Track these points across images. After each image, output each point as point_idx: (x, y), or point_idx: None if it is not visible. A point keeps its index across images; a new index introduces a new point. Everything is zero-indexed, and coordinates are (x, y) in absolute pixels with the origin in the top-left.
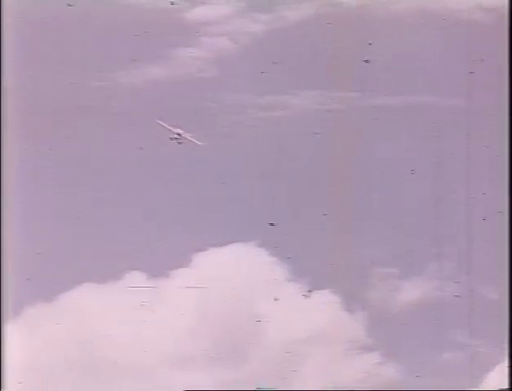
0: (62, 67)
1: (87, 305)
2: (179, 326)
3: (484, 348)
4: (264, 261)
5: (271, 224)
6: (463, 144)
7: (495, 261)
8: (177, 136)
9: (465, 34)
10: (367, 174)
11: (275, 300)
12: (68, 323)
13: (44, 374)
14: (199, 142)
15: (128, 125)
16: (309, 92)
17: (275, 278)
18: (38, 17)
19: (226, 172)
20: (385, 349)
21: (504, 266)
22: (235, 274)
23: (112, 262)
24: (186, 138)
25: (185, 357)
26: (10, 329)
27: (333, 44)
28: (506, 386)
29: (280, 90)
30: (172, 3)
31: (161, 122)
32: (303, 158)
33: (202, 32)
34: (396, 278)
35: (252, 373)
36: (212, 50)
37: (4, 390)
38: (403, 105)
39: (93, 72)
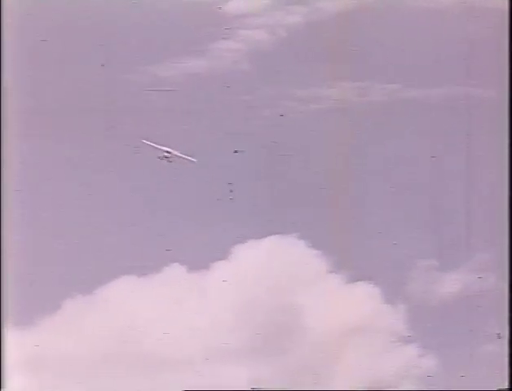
0: (101, 60)
1: (126, 298)
2: (219, 319)
3: None
4: (304, 253)
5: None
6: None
7: None
8: (166, 154)
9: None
10: (410, 167)
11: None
12: (106, 317)
13: (83, 367)
14: (192, 159)
15: (165, 119)
16: (348, 84)
17: (315, 270)
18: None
19: (263, 163)
20: (424, 341)
21: None
22: (274, 266)
23: (151, 255)
24: (176, 156)
25: (224, 350)
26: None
27: (372, 34)
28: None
29: (318, 83)
30: None
31: (147, 142)
32: (344, 150)
33: (239, 25)
34: (436, 270)
35: (292, 366)
36: (248, 43)
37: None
38: (444, 97)
39: (131, 66)
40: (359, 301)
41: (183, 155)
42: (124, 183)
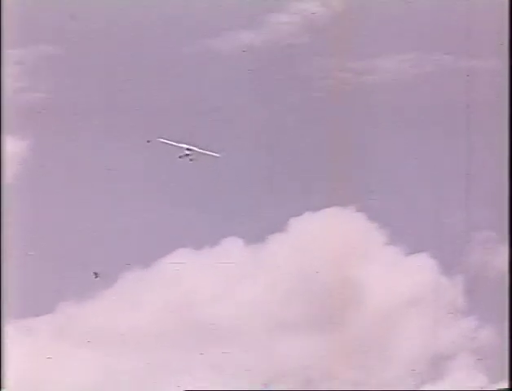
0: (158, 34)
1: (183, 271)
2: (277, 290)
3: None
4: (362, 225)
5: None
6: None
7: None
8: (187, 152)
9: None
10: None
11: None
12: (163, 289)
13: (143, 338)
14: (216, 154)
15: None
16: (402, 55)
17: (372, 241)
18: None
19: (320, 136)
20: (481, 314)
21: None
22: (331, 238)
23: (208, 228)
24: (198, 153)
25: (283, 321)
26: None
27: (425, 6)
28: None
29: (372, 54)
30: None
31: (164, 140)
32: (399, 121)
33: None
34: (494, 241)
35: (350, 337)
36: (304, 16)
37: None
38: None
39: (187, 39)
40: (416, 273)
41: (206, 152)
42: (181, 162)
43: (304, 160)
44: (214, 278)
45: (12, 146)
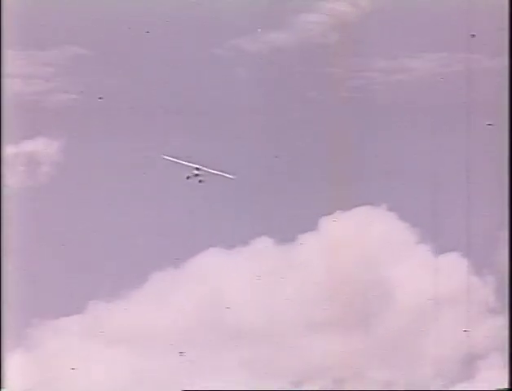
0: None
1: (215, 270)
2: (307, 290)
3: None
4: (394, 224)
5: None
6: None
7: None
8: (196, 171)
9: None
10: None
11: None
12: (195, 288)
13: (170, 336)
14: (230, 176)
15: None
16: (432, 55)
17: (404, 241)
18: None
19: (349, 134)
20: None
21: None
22: (363, 237)
23: (239, 228)
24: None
25: (314, 320)
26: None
27: (453, 6)
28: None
29: (401, 54)
30: None
31: (168, 157)
32: (427, 121)
33: None
34: None
35: (380, 336)
36: (333, 15)
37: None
38: None
39: (215, 39)
40: (447, 272)
41: (217, 172)
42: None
43: (334, 158)
44: (244, 278)
45: (44, 146)
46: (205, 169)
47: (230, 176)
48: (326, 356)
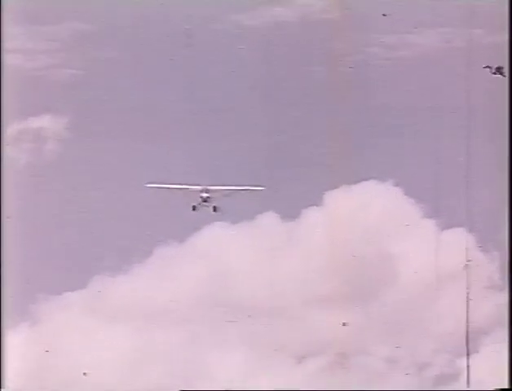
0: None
1: (219, 245)
2: (311, 265)
3: None
4: (399, 199)
5: None
6: None
7: None
8: (203, 195)
9: None
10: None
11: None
12: (199, 263)
13: (179, 310)
14: (260, 188)
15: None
16: (432, 30)
17: (409, 216)
18: None
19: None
20: None
21: None
22: (368, 211)
23: (244, 203)
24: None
25: (318, 295)
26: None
27: None
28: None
29: (403, 30)
30: None
31: (152, 185)
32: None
33: None
34: None
35: (385, 312)
36: None
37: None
38: None
39: (216, 14)
40: (452, 247)
41: (245, 187)
42: None
43: (338, 132)
44: (249, 253)
45: (50, 123)
46: (223, 187)
47: (260, 188)
48: (329, 331)
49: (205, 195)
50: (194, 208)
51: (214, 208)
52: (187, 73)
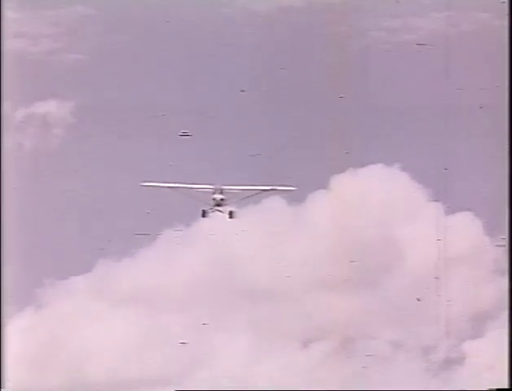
0: None
1: (225, 229)
2: (317, 249)
3: None
4: (405, 183)
5: None
6: None
7: None
8: (216, 197)
9: None
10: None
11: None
12: (205, 247)
13: (181, 293)
14: (291, 188)
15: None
16: (437, 14)
17: (415, 200)
18: None
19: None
20: None
21: None
22: (374, 195)
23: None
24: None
25: (324, 280)
26: None
27: None
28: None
29: (407, 13)
30: None
31: (148, 183)
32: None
33: None
34: None
35: (390, 295)
36: None
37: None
38: None
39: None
40: (458, 231)
41: (275, 187)
42: None
43: (344, 116)
44: (255, 237)
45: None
46: (244, 187)
47: (291, 188)
48: (336, 315)
49: (218, 197)
50: (204, 213)
51: (231, 214)
52: (191, 59)
